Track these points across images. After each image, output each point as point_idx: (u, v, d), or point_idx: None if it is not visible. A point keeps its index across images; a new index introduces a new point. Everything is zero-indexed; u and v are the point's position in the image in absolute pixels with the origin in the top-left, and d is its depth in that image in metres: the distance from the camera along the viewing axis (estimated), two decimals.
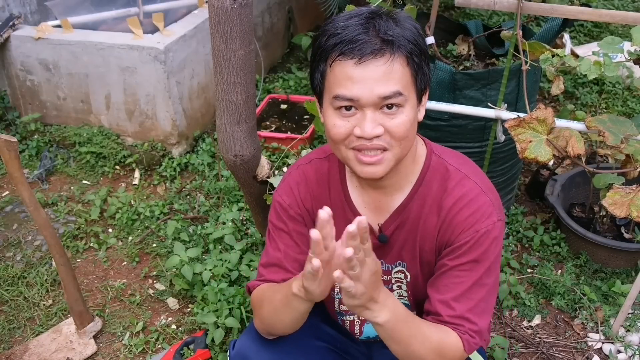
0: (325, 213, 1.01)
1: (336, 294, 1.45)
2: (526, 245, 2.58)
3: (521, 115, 1.84)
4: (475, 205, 1.24)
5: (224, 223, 2.56)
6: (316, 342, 1.48)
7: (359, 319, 1.47)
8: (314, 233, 1.00)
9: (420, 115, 1.22)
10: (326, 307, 1.52)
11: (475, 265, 1.23)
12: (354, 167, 1.20)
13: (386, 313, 1.12)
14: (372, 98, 1.11)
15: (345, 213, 1.35)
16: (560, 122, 1.83)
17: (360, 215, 1.32)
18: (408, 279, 1.37)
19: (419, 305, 1.41)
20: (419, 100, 1.20)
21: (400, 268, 1.37)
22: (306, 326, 1.44)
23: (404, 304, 1.42)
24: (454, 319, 1.23)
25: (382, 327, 1.14)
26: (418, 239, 1.31)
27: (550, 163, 2.59)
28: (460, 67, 2.55)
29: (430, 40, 2.40)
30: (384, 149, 1.15)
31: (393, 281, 1.39)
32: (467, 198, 1.24)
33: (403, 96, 1.13)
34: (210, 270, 2.24)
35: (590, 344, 2.13)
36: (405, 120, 1.14)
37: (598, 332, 2.16)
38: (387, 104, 1.13)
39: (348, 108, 1.14)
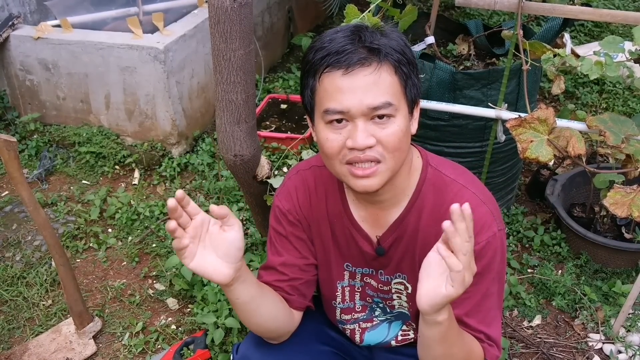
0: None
1: (337, 303, 1.44)
2: (526, 245, 2.57)
3: (522, 115, 1.83)
4: (475, 216, 1.23)
5: None
6: (320, 346, 1.48)
7: (359, 327, 1.47)
8: (170, 201, 1.04)
9: (413, 129, 1.21)
10: (327, 315, 1.51)
11: (480, 279, 1.22)
12: (348, 182, 1.18)
13: (446, 310, 1.07)
14: (362, 108, 1.11)
15: (344, 224, 1.34)
16: (561, 122, 1.82)
17: (359, 227, 1.33)
18: (409, 290, 1.36)
19: (418, 315, 1.41)
20: (411, 112, 1.19)
21: (400, 280, 1.36)
22: (310, 330, 1.44)
23: (403, 313, 1.42)
24: (470, 332, 1.23)
25: (440, 326, 1.08)
26: (417, 252, 1.30)
27: (551, 163, 2.58)
28: (461, 67, 2.55)
29: (431, 40, 2.40)
30: (377, 161, 1.14)
31: (393, 291, 1.39)
32: None
33: (393, 106, 1.12)
34: None
35: (590, 344, 2.13)
36: (397, 130, 1.13)
37: (599, 333, 2.16)
38: (377, 114, 1.12)
39: (339, 120, 1.14)
